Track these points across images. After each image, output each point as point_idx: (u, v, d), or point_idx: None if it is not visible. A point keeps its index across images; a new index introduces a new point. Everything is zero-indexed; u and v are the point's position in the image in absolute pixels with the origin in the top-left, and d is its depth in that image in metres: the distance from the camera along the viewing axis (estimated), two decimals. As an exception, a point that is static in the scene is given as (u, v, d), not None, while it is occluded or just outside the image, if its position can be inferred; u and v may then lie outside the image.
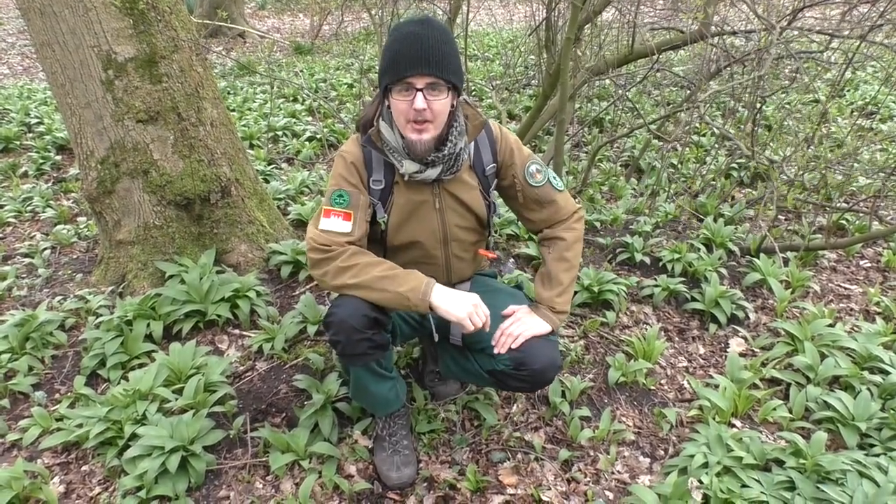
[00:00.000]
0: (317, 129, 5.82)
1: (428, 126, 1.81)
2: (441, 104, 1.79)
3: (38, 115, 5.88)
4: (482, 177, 2.07)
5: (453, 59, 1.78)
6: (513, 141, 2.09)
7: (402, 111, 1.80)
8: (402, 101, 1.78)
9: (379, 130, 1.92)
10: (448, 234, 2.06)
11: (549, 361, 1.95)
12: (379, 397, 2.14)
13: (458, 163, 1.95)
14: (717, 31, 4.18)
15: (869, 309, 3.33)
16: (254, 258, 3.16)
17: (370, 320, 1.88)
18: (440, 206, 2.02)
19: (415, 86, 1.74)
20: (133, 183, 2.80)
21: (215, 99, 2.99)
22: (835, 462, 2.06)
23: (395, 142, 1.91)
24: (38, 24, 2.57)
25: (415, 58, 1.72)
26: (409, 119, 1.80)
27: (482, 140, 2.05)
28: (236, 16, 11.33)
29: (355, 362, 1.99)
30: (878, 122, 6.10)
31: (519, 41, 8.13)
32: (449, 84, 1.78)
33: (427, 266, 2.10)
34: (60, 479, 2.19)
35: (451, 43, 1.79)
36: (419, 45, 1.72)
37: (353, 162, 1.97)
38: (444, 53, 1.74)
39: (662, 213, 4.12)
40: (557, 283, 2.08)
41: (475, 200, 2.05)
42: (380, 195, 2.00)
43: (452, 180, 2.00)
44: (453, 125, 1.90)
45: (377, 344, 1.93)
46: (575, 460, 2.33)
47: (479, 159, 2.05)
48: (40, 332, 2.69)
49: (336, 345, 1.92)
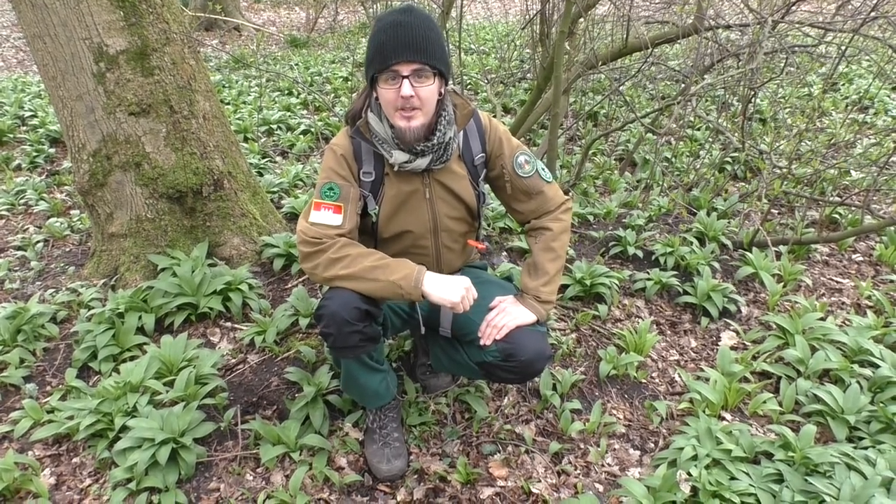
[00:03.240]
0: (311, 123, 5.81)
1: (416, 113, 1.81)
2: (428, 90, 1.79)
3: (32, 108, 5.86)
4: (471, 166, 2.07)
5: (438, 46, 1.78)
6: (502, 131, 2.09)
7: (389, 100, 1.80)
8: (389, 89, 1.78)
9: (367, 122, 1.92)
10: (438, 224, 2.07)
11: (537, 352, 1.95)
12: (370, 390, 2.14)
13: (448, 152, 1.96)
14: (710, 25, 4.17)
15: (860, 303, 3.34)
16: (246, 251, 3.15)
17: (361, 312, 1.88)
18: (430, 195, 2.02)
19: (401, 73, 1.74)
20: (125, 176, 2.80)
21: (208, 92, 2.99)
22: (823, 455, 2.07)
23: (383, 132, 1.91)
24: (29, 17, 2.56)
25: (399, 45, 1.72)
26: (397, 107, 1.80)
27: (471, 129, 2.05)
28: (232, 9, 11.30)
29: (346, 354, 1.99)
30: (872, 117, 6.11)
31: (514, 35, 8.11)
32: (435, 70, 1.79)
33: (417, 257, 2.10)
34: (51, 471, 2.19)
35: (435, 30, 1.79)
36: (403, 33, 1.72)
37: (342, 154, 1.97)
38: (428, 40, 1.74)
39: (656, 207, 4.12)
40: (543, 273, 2.08)
41: (465, 190, 2.06)
42: (370, 187, 2.00)
43: (442, 170, 2.01)
44: (442, 114, 1.90)
45: (368, 336, 1.93)
46: (565, 453, 2.34)
47: (467, 149, 2.05)
48: (32, 325, 2.69)
49: (327, 337, 1.92)
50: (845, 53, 3.78)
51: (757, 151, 4.10)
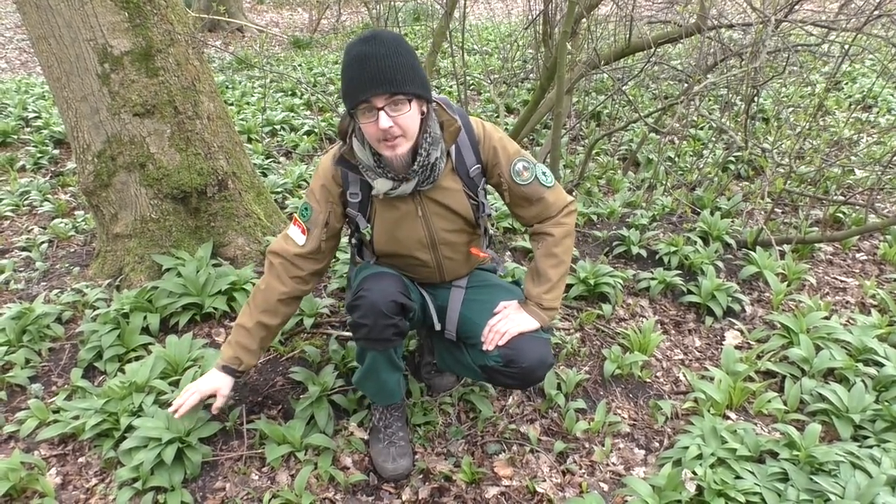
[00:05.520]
0: (315, 123, 5.82)
1: (400, 140, 1.78)
2: (407, 117, 1.76)
3: (36, 110, 5.87)
4: (467, 178, 2.02)
5: (408, 70, 1.71)
6: (497, 139, 2.02)
7: (371, 133, 1.78)
8: (368, 122, 1.75)
9: (352, 148, 1.91)
10: (436, 239, 2.05)
11: (538, 359, 1.95)
12: (388, 386, 2.15)
13: (435, 172, 1.92)
14: (713, 25, 4.17)
15: (865, 301, 3.34)
16: (251, 251, 3.16)
17: (398, 306, 1.90)
18: (423, 213, 2.00)
19: (375, 106, 1.71)
20: (130, 176, 2.81)
21: (212, 92, 2.99)
22: (828, 454, 2.07)
23: (367, 160, 1.89)
24: (34, 18, 2.57)
25: (366, 79, 1.68)
26: (379, 139, 1.78)
27: (463, 142, 1.99)
28: (235, 10, 11.31)
29: (377, 347, 2.00)
30: (876, 116, 6.10)
31: (517, 35, 8.10)
32: (409, 96, 1.74)
33: (420, 269, 2.12)
34: (57, 471, 2.20)
35: (404, 54, 1.72)
36: (370, 66, 1.68)
37: (325, 183, 2.02)
38: (396, 68, 1.68)
39: (659, 207, 4.12)
40: (546, 280, 2.06)
41: (459, 203, 2.02)
42: (359, 207, 2.02)
43: (432, 188, 1.97)
44: (424, 136, 1.86)
45: (400, 330, 1.96)
46: (570, 452, 2.34)
47: (461, 162, 2.00)
48: (37, 325, 2.69)
49: (360, 328, 1.92)
50: (848, 52, 3.77)
51: (760, 150, 4.09)
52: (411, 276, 2.18)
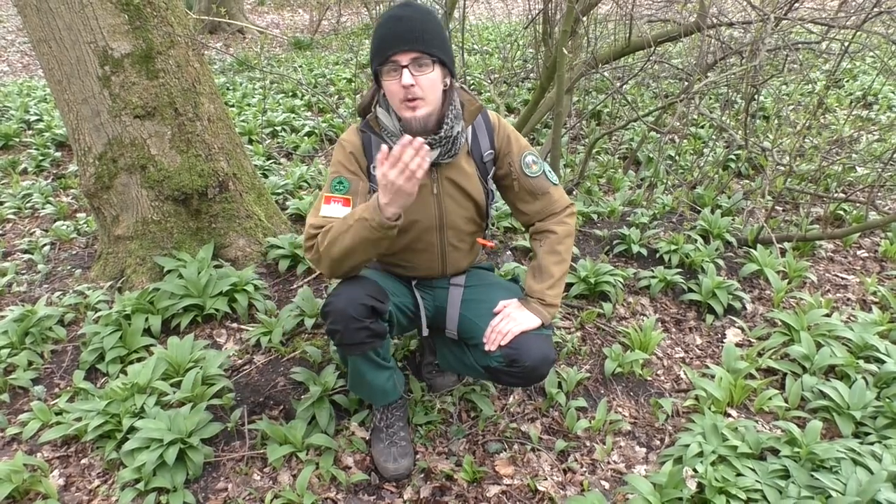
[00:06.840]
0: (315, 124, 5.82)
1: (420, 103, 1.83)
2: (428, 79, 1.81)
3: (38, 112, 5.89)
4: (480, 163, 2.07)
5: (436, 36, 1.80)
6: (510, 130, 2.10)
7: (394, 92, 1.83)
8: (392, 80, 1.81)
9: (377, 116, 1.95)
10: (445, 221, 2.06)
11: (541, 357, 1.95)
12: (377, 387, 2.15)
13: (456, 146, 1.97)
14: (713, 23, 4.17)
15: (866, 298, 3.34)
16: (252, 252, 3.17)
17: (368, 308, 1.89)
18: (438, 191, 2.02)
19: (400, 63, 1.77)
20: (131, 178, 2.81)
21: (212, 94, 3.00)
22: (829, 450, 2.07)
23: (392, 126, 1.92)
24: (34, 21, 2.58)
25: (396, 36, 1.77)
26: (401, 99, 1.82)
27: (479, 126, 2.06)
28: (235, 11, 11.33)
29: (353, 351, 2.00)
30: (877, 113, 6.09)
31: (517, 34, 8.11)
32: (434, 58, 1.80)
33: (422, 253, 2.11)
34: (60, 472, 2.21)
35: (434, 21, 1.82)
36: (400, 25, 1.77)
37: (352, 151, 2.00)
38: (425, 30, 1.77)
39: (660, 205, 4.12)
40: (549, 276, 2.08)
41: (474, 187, 2.06)
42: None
43: (451, 165, 2.01)
44: (449, 107, 1.91)
45: (375, 332, 1.95)
46: (571, 451, 2.34)
47: (476, 145, 2.06)
48: (40, 328, 2.70)
49: (334, 334, 1.93)
50: (848, 49, 3.76)
51: (760, 148, 4.09)
52: (410, 271, 2.19)
